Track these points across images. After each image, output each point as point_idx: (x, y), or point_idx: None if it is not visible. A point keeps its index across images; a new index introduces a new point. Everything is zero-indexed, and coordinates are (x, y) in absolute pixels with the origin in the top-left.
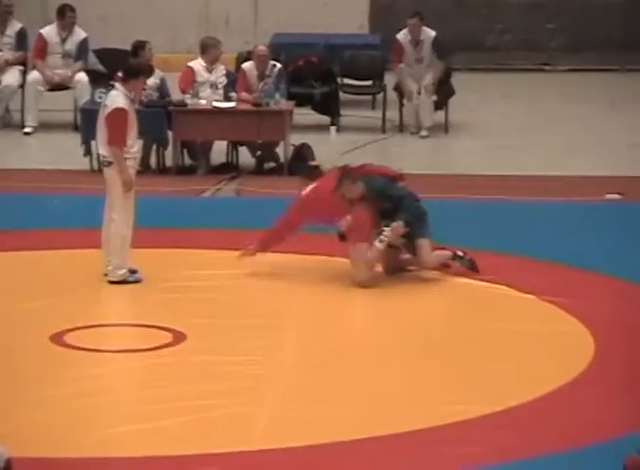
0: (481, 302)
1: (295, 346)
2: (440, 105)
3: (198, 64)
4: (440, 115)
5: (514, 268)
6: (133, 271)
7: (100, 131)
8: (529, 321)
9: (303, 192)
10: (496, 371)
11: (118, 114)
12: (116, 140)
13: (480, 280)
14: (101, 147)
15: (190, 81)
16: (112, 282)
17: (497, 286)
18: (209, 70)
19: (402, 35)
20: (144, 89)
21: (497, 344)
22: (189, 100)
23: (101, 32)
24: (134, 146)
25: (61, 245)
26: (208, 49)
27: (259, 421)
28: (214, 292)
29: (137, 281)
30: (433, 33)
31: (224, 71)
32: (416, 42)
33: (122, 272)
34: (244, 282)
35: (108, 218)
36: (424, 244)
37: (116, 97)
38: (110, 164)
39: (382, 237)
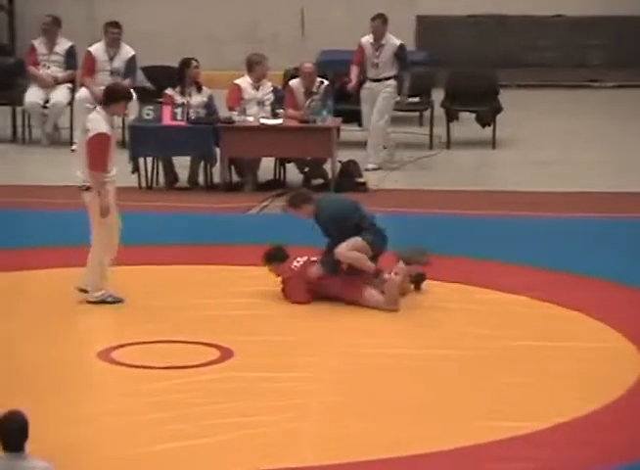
0: (524, 318)
1: (339, 362)
2: (488, 121)
3: (245, 81)
4: (488, 131)
5: (558, 284)
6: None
7: (80, 155)
8: (574, 338)
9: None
10: (542, 388)
11: (100, 138)
12: (97, 165)
13: (529, 297)
14: (80, 171)
15: (237, 99)
16: (89, 302)
17: (541, 302)
18: (256, 88)
19: (367, 37)
20: (126, 114)
21: (542, 360)
22: (236, 117)
23: (149, 50)
24: (113, 170)
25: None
26: (254, 66)
27: (306, 438)
28: (261, 309)
29: (117, 301)
30: (397, 42)
31: (271, 88)
32: (377, 47)
33: (100, 293)
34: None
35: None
36: (354, 241)
37: (98, 122)
38: (88, 188)
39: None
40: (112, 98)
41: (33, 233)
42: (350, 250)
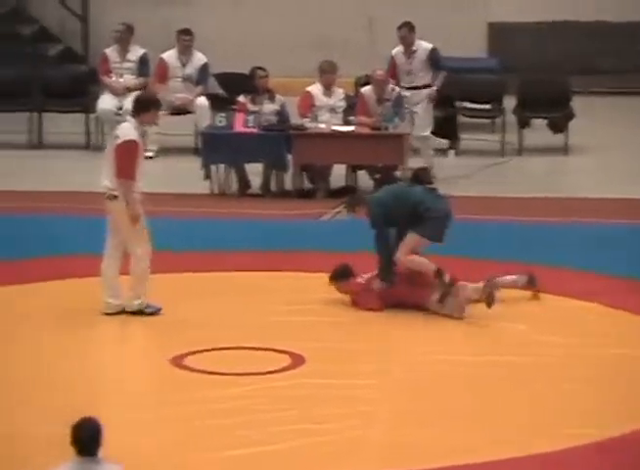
0: (594, 324)
1: (407, 370)
2: (560, 128)
3: (316, 88)
4: (560, 137)
5: (629, 291)
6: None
7: (107, 163)
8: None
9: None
10: (608, 395)
11: (129, 146)
12: (125, 172)
13: (599, 303)
14: (106, 179)
15: (308, 106)
16: (128, 312)
17: (611, 309)
18: (328, 95)
19: (397, 48)
20: (155, 123)
21: (611, 367)
22: (308, 124)
23: (222, 57)
24: (140, 181)
25: (180, 268)
26: (323, 74)
27: (371, 445)
28: (333, 315)
29: (155, 312)
30: (429, 46)
31: (343, 95)
32: (408, 55)
33: (139, 302)
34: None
35: (109, 252)
36: (407, 241)
37: (128, 129)
38: (115, 197)
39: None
40: (141, 107)
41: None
42: (408, 255)
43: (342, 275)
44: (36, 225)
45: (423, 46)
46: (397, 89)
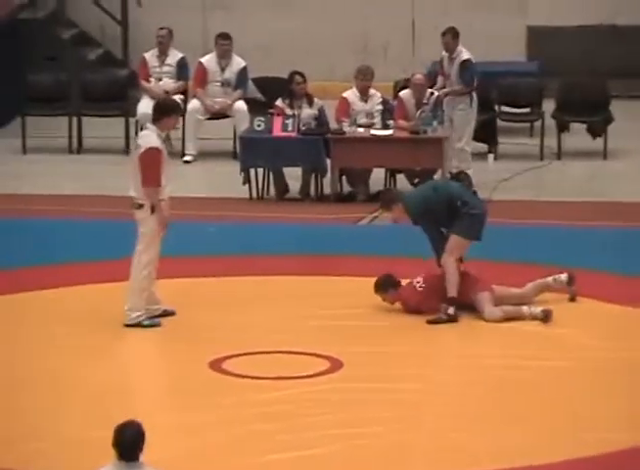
0: (635, 329)
1: (449, 373)
2: (599, 132)
3: (352, 94)
4: (599, 141)
5: None
6: (168, 313)
7: (131, 172)
8: None
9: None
10: None
11: (152, 153)
12: (151, 180)
13: (632, 307)
14: (132, 189)
15: (345, 111)
16: (127, 325)
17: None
18: (364, 100)
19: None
20: (176, 127)
21: None
22: (346, 128)
23: (260, 61)
24: (167, 186)
25: (217, 272)
26: (359, 79)
27: (415, 449)
28: (371, 320)
29: (153, 325)
30: (465, 56)
31: (380, 100)
32: (449, 58)
33: (136, 315)
34: (400, 310)
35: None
36: (451, 242)
37: (149, 137)
38: (141, 206)
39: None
40: (161, 113)
41: None
42: (455, 258)
43: (387, 285)
44: (74, 229)
45: (460, 55)
46: (436, 93)
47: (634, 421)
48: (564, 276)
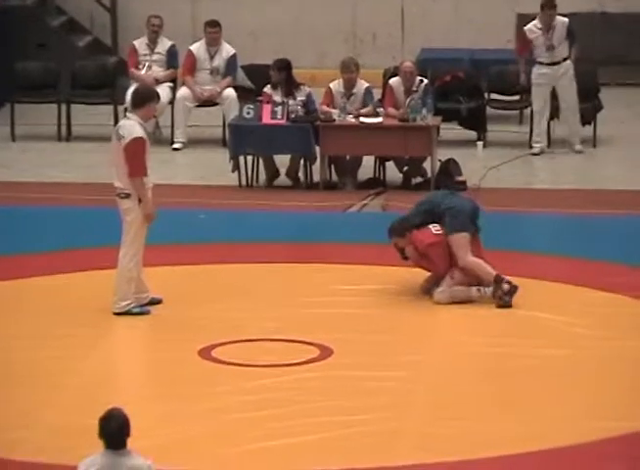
0: (625, 317)
1: (440, 361)
2: (588, 119)
3: (337, 86)
4: (589, 129)
5: None
6: (155, 301)
7: (115, 163)
8: None
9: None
10: None
11: (138, 143)
12: (138, 170)
13: (631, 297)
14: (117, 179)
15: (329, 104)
16: (115, 313)
17: None
18: (347, 96)
19: (531, 25)
20: (155, 116)
21: None
22: (336, 116)
23: (250, 48)
24: (150, 175)
25: (206, 260)
26: (343, 72)
27: (407, 437)
28: (361, 307)
29: (143, 313)
30: (566, 19)
31: (363, 91)
32: (547, 29)
33: (125, 303)
34: (390, 297)
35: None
36: (454, 240)
37: (132, 127)
38: (127, 195)
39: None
40: (143, 101)
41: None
42: (467, 255)
43: (402, 229)
44: (62, 217)
45: (560, 20)
46: (425, 81)
47: (630, 409)
48: (488, 290)
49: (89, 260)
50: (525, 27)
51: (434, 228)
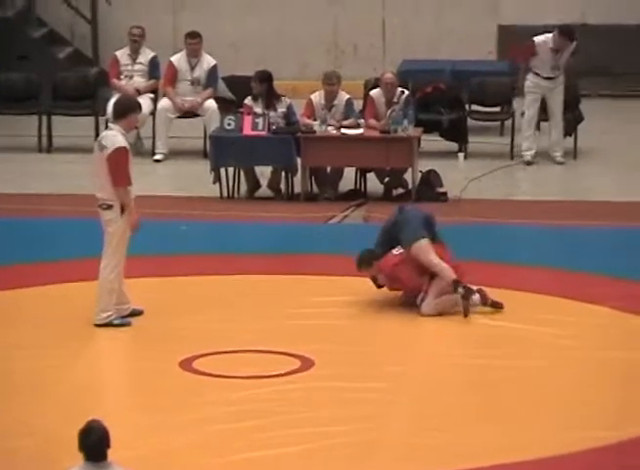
0: (607, 329)
1: (421, 372)
2: (569, 131)
3: (318, 97)
4: (569, 141)
5: None
6: (136, 312)
7: (98, 174)
8: None
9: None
10: (628, 397)
11: (121, 153)
12: (123, 180)
13: (611, 308)
14: (99, 190)
15: (310, 115)
16: (97, 325)
17: (623, 313)
18: (328, 108)
19: (542, 42)
20: (136, 127)
21: (627, 370)
22: (317, 127)
23: (231, 60)
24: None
25: (187, 271)
26: (324, 85)
27: (389, 448)
28: (342, 318)
29: (124, 325)
30: (574, 44)
31: (344, 103)
32: (557, 51)
33: (106, 315)
34: (371, 309)
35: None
36: (414, 250)
37: (115, 137)
38: (109, 207)
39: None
40: (125, 111)
41: None
42: (431, 255)
43: (369, 259)
44: (43, 228)
45: (570, 45)
46: (406, 92)
47: (615, 419)
48: (476, 297)
49: (69, 272)
50: (537, 41)
51: (395, 250)
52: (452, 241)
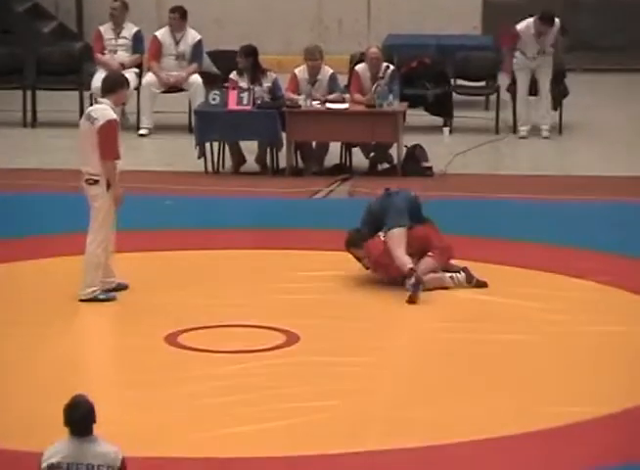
0: (592, 303)
1: (406, 347)
2: (555, 105)
3: (302, 72)
4: (554, 115)
5: (629, 270)
6: (122, 287)
7: (85, 148)
8: None
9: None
10: (610, 372)
11: (111, 125)
12: (112, 153)
13: (595, 281)
14: (86, 164)
15: (294, 90)
16: (82, 300)
17: (608, 287)
18: (312, 83)
19: (525, 28)
20: (124, 103)
21: (610, 345)
22: (301, 102)
23: (216, 35)
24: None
25: (172, 246)
26: (307, 60)
27: (375, 422)
28: (328, 293)
29: (109, 299)
30: (557, 23)
31: (327, 78)
32: (539, 35)
33: (92, 290)
34: (356, 283)
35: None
36: (388, 237)
37: (105, 110)
38: (96, 182)
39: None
40: (114, 86)
41: None
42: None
43: (358, 239)
44: (28, 203)
45: (554, 28)
46: (391, 67)
47: (596, 395)
48: (462, 276)
49: (56, 247)
50: (519, 28)
51: (382, 234)
52: (438, 216)
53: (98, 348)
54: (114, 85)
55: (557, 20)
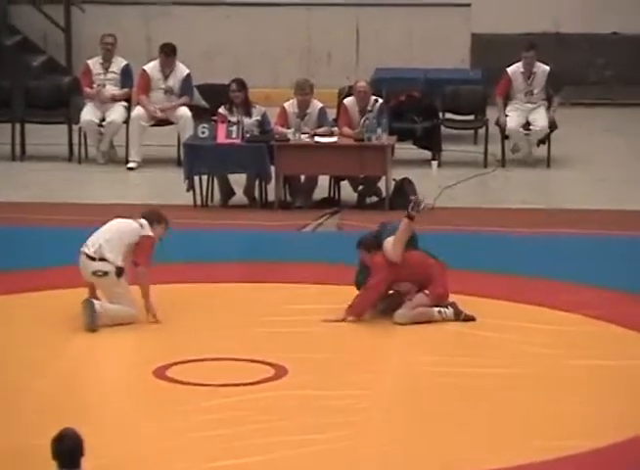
0: (578, 336)
1: (394, 381)
2: (543, 139)
3: (291, 106)
4: (543, 149)
5: (617, 304)
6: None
7: (110, 238)
8: (630, 356)
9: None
10: (596, 407)
11: (153, 242)
12: (148, 263)
13: (583, 315)
14: (109, 252)
15: (284, 124)
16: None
17: (595, 320)
18: (301, 117)
19: (515, 67)
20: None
21: (596, 379)
22: (290, 135)
23: (204, 68)
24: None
25: (160, 279)
26: (296, 95)
27: (363, 455)
28: (315, 326)
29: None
30: (547, 68)
31: (317, 113)
32: (528, 75)
33: None
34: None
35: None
36: (387, 241)
37: (149, 227)
38: (106, 274)
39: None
40: (156, 219)
41: None
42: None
43: (372, 245)
44: (17, 237)
45: (541, 68)
46: (380, 100)
47: (583, 428)
48: (449, 311)
49: (42, 280)
50: (509, 69)
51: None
52: (426, 249)
53: (86, 381)
54: (160, 218)
55: (547, 67)
